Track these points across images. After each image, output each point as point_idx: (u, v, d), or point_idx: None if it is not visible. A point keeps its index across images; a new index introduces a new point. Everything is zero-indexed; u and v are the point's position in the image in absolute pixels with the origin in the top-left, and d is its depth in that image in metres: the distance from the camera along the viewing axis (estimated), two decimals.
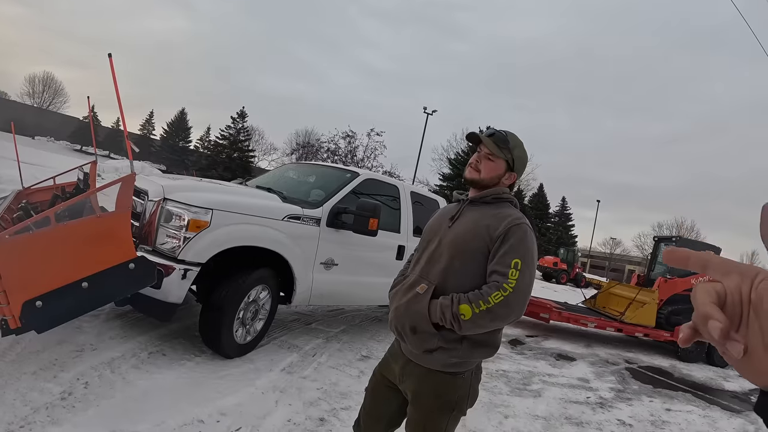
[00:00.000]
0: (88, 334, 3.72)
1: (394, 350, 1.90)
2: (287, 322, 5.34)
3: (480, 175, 1.80)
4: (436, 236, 1.82)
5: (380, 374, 1.93)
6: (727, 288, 0.46)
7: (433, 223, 1.91)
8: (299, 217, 4.14)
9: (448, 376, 1.72)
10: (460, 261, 1.69)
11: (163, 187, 3.62)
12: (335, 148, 28.28)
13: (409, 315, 1.69)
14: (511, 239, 1.65)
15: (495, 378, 5.13)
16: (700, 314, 0.45)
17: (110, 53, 3.16)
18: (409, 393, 1.79)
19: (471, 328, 1.59)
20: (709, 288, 0.47)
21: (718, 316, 0.43)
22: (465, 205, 1.83)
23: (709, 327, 0.43)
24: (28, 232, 2.89)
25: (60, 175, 5.36)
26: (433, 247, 1.79)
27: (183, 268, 3.38)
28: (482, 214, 1.76)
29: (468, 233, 1.72)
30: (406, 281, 1.80)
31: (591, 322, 8.56)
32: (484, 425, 3.74)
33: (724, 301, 0.46)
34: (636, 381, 6.45)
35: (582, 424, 4.26)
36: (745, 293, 0.45)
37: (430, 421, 1.75)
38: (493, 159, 1.79)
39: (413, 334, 1.67)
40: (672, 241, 11.95)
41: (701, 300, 0.46)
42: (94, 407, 2.77)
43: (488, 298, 1.57)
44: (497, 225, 1.68)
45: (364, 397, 1.99)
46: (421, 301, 1.67)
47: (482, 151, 1.81)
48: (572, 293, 18.67)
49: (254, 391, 3.40)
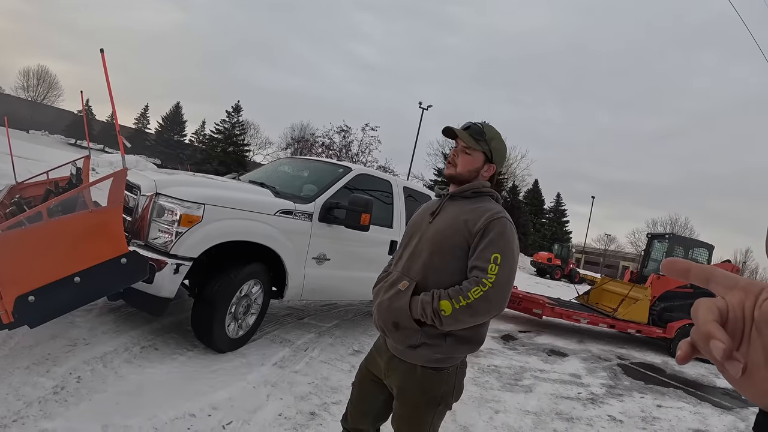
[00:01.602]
0: (80, 328, 3.73)
1: (379, 345, 1.91)
2: (280, 317, 5.35)
3: (457, 170, 1.81)
4: (418, 232, 1.82)
5: (366, 369, 1.95)
6: (730, 304, 0.45)
7: (416, 219, 1.91)
8: (291, 212, 4.15)
9: (432, 372, 1.73)
10: (440, 257, 1.70)
11: (155, 182, 3.63)
12: (330, 142, 28.21)
13: (391, 311, 1.69)
14: (490, 234, 1.66)
15: (486, 373, 5.16)
16: (701, 333, 0.43)
17: (102, 48, 3.16)
18: (394, 388, 1.81)
19: (452, 324, 1.61)
20: (710, 304, 0.45)
21: (721, 336, 0.41)
22: (445, 200, 1.83)
23: (711, 347, 0.41)
24: (21, 227, 2.90)
25: (53, 169, 5.35)
26: (415, 242, 1.80)
27: (175, 263, 3.39)
28: (461, 209, 1.76)
29: (447, 229, 1.72)
30: (389, 278, 1.80)
31: (584, 318, 8.61)
32: (474, 420, 3.77)
33: (725, 317, 0.44)
34: (628, 377, 6.49)
35: (573, 419, 4.29)
36: (748, 310, 0.44)
37: (415, 416, 1.77)
38: (470, 152, 1.79)
39: (396, 330, 1.68)
40: (665, 238, 11.99)
41: (703, 318, 0.44)
42: (86, 401, 2.78)
43: (468, 293, 1.58)
44: (476, 220, 1.69)
45: (351, 392, 2.01)
46: (403, 298, 1.67)
47: (459, 145, 1.81)
48: (566, 289, 18.73)
49: (246, 386, 3.42)
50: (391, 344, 1.78)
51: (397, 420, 1.82)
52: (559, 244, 31.78)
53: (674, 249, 11.18)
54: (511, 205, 37.93)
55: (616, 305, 9.45)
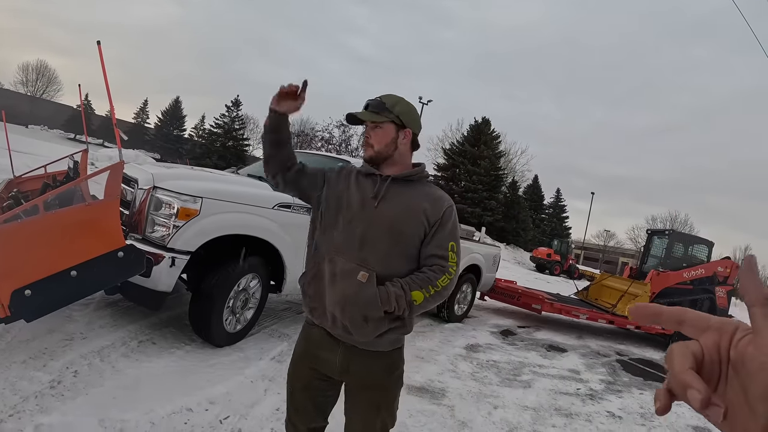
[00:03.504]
0: (77, 322, 3.72)
1: (320, 341, 1.77)
2: (278, 311, 5.34)
3: (375, 148, 1.74)
4: (360, 215, 1.70)
5: (309, 369, 1.81)
6: (704, 346, 0.44)
7: (350, 198, 1.74)
8: (289, 206, 4.14)
9: (395, 353, 1.78)
10: (401, 247, 1.69)
11: (153, 175, 3.61)
12: (329, 137, 28.19)
13: (359, 306, 1.61)
14: (447, 224, 1.73)
15: (485, 368, 5.15)
16: (678, 382, 0.42)
17: (99, 41, 3.12)
18: (357, 381, 1.78)
19: (419, 311, 1.67)
20: (684, 350, 0.44)
21: (698, 386, 0.40)
22: (387, 183, 1.73)
23: (689, 397, 0.41)
24: (17, 220, 2.88)
25: (51, 163, 5.34)
26: (360, 228, 1.68)
27: (172, 257, 3.37)
28: (412, 195, 1.73)
29: (405, 217, 1.69)
30: (335, 267, 1.67)
31: (583, 313, 8.60)
32: (473, 415, 3.76)
33: (701, 362, 0.43)
34: (626, 373, 6.49)
35: (571, 415, 4.28)
36: (723, 350, 0.43)
37: (385, 400, 1.80)
38: (380, 126, 1.73)
39: (366, 323, 1.63)
40: (665, 234, 11.98)
41: (679, 367, 0.43)
42: (83, 395, 2.78)
43: (436, 282, 1.65)
44: (434, 210, 1.71)
45: (293, 398, 1.86)
46: (368, 290, 1.61)
47: (367, 126, 1.75)
48: (565, 285, 18.75)
49: (243, 380, 3.42)
50: (350, 338, 1.69)
51: (363, 410, 1.80)
52: (559, 240, 31.70)
53: (674, 245, 11.18)
54: (511, 201, 37.92)
55: (615, 301, 9.46)
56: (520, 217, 37.91)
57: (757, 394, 0.39)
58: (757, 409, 0.38)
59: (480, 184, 34.57)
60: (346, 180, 1.79)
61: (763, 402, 0.38)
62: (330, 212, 1.75)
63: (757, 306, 0.40)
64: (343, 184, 1.78)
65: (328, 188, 1.79)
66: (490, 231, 32.21)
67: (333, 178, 1.82)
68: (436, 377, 4.47)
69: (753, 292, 0.40)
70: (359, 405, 1.80)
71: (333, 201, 1.76)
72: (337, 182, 1.80)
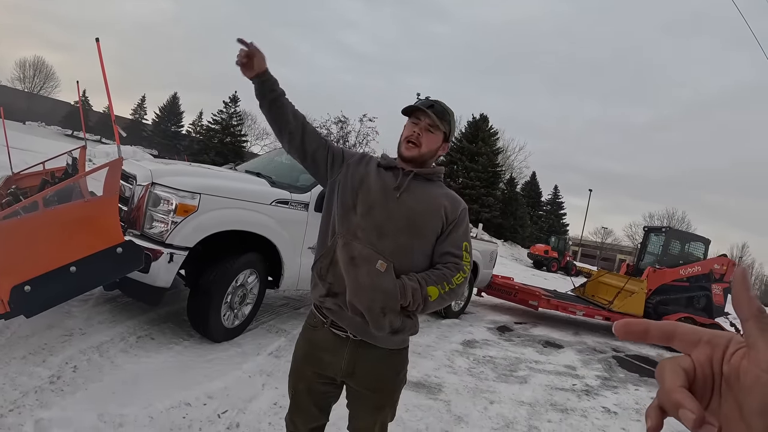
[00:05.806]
0: (77, 318, 3.74)
1: (324, 343, 1.72)
2: (276, 307, 5.37)
3: (421, 150, 1.70)
4: (381, 204, 1.66)
5: (311, 372, 1.76)
6: (696, 361, 0.43)
7: (372, 185, 1.70)
8: (287, 202, 4.16)
9: (402, 353, 1.77)
10: (419, 240, 1.67)
11: (151, 172, 3.63)
12: (327, 133, 28.13)
13: (377, 294, 1.55)
14: (463, 223, 1.75)
15: (482, 364, 5.19)
16: (670, 401, 0.41)
17: (97, 38, 3.13)
18: (362, 383, 1.72)
19: (432, 307, 1.63)
20: (676, 367, 0.43)
21: (691, 406, 0.39)
22: (409, 178, 1.70)
23: (681, 417, 0.39)
24: (17, 216, 2.90)
25: (49, 160, 5.35)
26: (380, 217, 1.64)
27: (170, 252, 3.39)
28: (432, 192, 1.72)
29: (426, 212, 1.67)
30: (354, 251, 1.61)
31: (579, 310, 8.64)
32: (469, 410, 3.79)
33: (692, 378, 0.42)
34: (622, 369, 6.51)
35: (567, 410, 4.31)
36: (716, 364, 0.42)
37: (389, 400, 1.80)
38: (434, 131, 1.71)
39: (383, 316, 1.56)
40: (662, 231, 12.00)
41: (670, 385, 0.41)
42: (82, 390, 2.79)
43: (452, 279, 1.63)
44: (453, 208, 1.72)
45: (295, 401, 1.84)
46: (387, 280, 1.56)
47: (422, 123, 1.70)
48: (562, 281, 18.76)
49: (241, 375, 3.44)
50: (364, 331, 1.64)
51: (367, 411, 1.78)
52: (556, 237, 31.74)
53: (671, 242, 11.19)
54: (508, 197, 37.95)
55: (611, 298, 9.49)
56: (517, 213, 37.96)
57: (752, 409, 0.38)
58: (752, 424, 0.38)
59: (478, 181, 34.59)
60: (367, 166, 1.77)
61: (759, 417, 0.37)
62: (348, 195, 1.69)
63: (751, 320, 0.39)
64: (363, 169, 1.75)
65: (348, 170, 1.75)
66: (488, 227, 32.28)
67: (354, 162, 1.79)
68: (432, 372, 4.50)
69: (746, 306, 0.40)
70: (363, 404, 1.78)
71: (353, 183, 1.71)
72: (358, 166, 1.77)
